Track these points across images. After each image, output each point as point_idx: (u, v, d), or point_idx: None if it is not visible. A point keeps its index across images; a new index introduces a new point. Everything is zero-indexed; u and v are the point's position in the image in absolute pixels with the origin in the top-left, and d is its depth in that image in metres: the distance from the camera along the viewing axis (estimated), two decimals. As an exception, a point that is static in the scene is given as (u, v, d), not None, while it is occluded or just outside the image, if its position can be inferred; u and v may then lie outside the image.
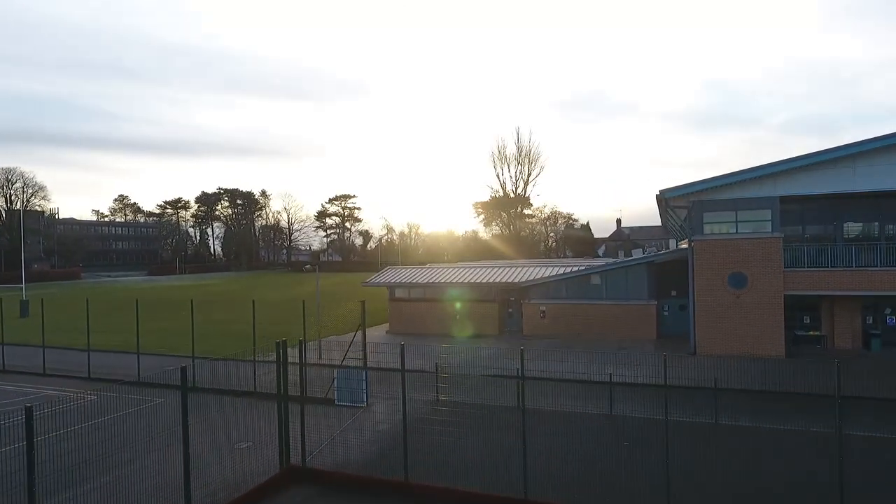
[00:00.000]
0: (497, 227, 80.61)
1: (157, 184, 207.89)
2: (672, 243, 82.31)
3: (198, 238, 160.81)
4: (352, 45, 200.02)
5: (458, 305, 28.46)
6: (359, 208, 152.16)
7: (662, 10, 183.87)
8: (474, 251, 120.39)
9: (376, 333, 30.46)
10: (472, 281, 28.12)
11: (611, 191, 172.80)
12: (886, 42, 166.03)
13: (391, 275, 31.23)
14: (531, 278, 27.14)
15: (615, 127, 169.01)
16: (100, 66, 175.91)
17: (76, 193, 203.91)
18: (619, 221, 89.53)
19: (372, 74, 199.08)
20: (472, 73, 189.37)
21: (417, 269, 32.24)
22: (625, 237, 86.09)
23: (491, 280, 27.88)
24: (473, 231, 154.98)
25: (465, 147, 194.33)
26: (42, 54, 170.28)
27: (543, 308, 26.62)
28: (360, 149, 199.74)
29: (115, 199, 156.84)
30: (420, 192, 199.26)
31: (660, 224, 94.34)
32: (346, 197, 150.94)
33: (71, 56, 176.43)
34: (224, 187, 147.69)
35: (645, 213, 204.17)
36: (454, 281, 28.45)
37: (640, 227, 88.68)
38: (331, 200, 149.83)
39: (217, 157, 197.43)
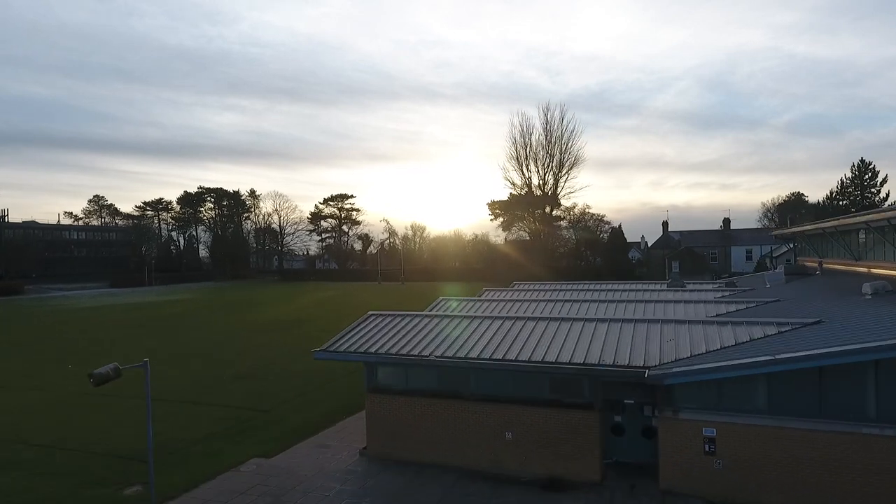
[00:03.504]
0: (523, 232, 65.74)
1: (161, 187, 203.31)
2: (761, 252, 67.07)
3: (183, 243, 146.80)
4: (353, 43, 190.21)
5: (507, 410, 13.54)
6: (357, 209, 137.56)
7: (664, 9, 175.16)
8: (488, 259, 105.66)
9: (343, 454, 15.41)
10: (540, 359, 13.15)
11: (613, 193, 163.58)
12: (890, 42, 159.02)
13: (371, 333, 16.22)
14: (682, 357, 12.19)
15: (618, 127, 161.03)
16: (99, 68, 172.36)
17: (80, 196, 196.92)
18: (665, 224, 74.28)
19: (375, 71, 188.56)
20: (478, 69, 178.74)
21: (422, 319, 17.12)
22: (674, 244, 70.87)
23: (580, 359, 12.90)
24: (483, 234, 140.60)
25: (476, 141, 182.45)
26: (43, 57, 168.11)
27: (712, 433, 11.62)
28: (362, 149, 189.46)
29: (90, 201, 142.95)
30: (425, 190, 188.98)
31: (717, 228, 79.37)
32: (343, 197, 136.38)
33: (70, 58, 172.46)
34: (206, 186, 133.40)
35: (657, 215, 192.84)
36: (499, 357, 13.49)
37: (692, 232, 73.43)
38: (326, 201, 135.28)
39: (218, 159, 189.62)
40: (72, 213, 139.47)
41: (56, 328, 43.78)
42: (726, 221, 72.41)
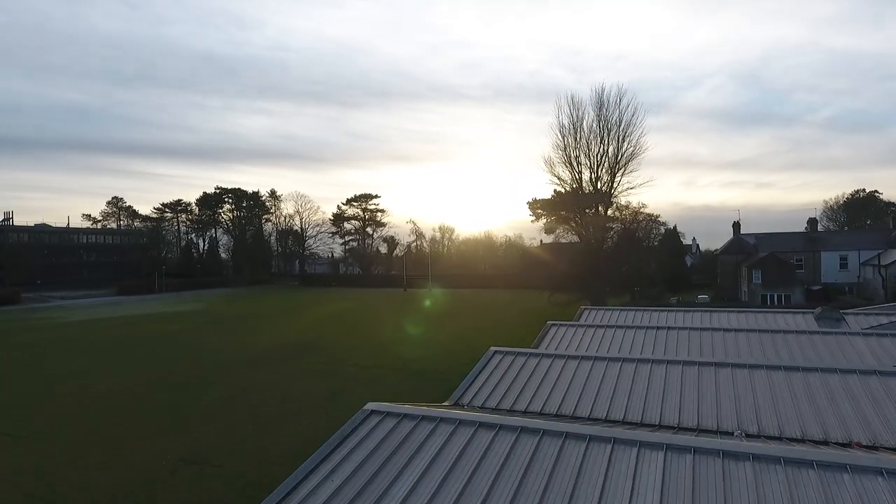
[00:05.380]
0: (572, 234, 56.23)
1: (192, 189, 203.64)
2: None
3: (203, 246, 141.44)
4: (378, 46, 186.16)
5: None
6: (382, 210, 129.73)
7: (694, 5, 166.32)
8: (523, 264, 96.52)
9: None
10: None
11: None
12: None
13: (370, 483, 7.22)
14: None
15: (648, 126, 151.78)
16: (133, 74, 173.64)
17: (101, 199, 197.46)
18: (737, 226, 63.48)
19: (400, 73, 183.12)
20: (504, 69, 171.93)
21: (482, 434, 7.99)
22: (749, 248, 60.23)
23: None
24: (517, 235, 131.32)
25: (504, 141, 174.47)
26: (79, 65, 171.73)
27: None
28: (388, 151, 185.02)
29: (109, 202, 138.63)
30: (452, 192, 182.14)
31: (801, 230, 68.26)
32: (367, 197, 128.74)
33: (105, 66, 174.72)
34: (224, 186, 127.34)
35: (708, 215, 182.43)
36: None
37: (770, 235, 62.51)
38: (349, 201, 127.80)
39: (248, 161, 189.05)
40: (90, 215, 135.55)
41: (7, 354, 36.18)
42: (812, 222, 61.18)
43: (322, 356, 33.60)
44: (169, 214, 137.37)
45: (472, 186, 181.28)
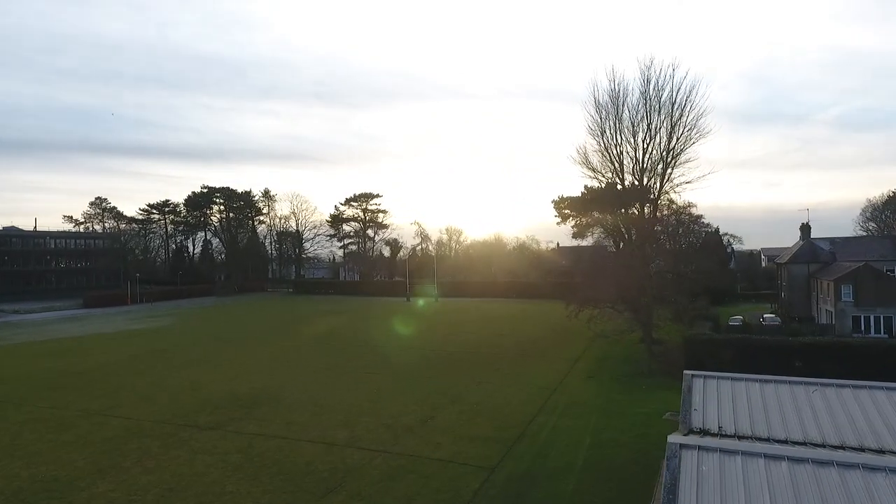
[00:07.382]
0: (608, 241, 45.65)
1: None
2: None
3: (193, 249, 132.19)
4: (384, 46, 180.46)
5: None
6: (384, 211, 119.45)
7: (700, 2, 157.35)
8: (539, 271, 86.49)
9: None
10: None
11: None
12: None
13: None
14: None
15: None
16: (140, 77, 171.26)
17: (120, 201, 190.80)
18: (806, 228, 52.48)
19: (406, 74, 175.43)
20: (509, 69, 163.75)
21: None
22: (824, 256, 49.45)
23: None
24: (530, 238, 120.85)
25: (515, 141, 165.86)
26: (87, 67, 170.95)
27: None
28: (393, 152, 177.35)
29: (92, 203, 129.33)
30: (460, 194, 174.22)
31: (882, 234, 56.40)
32: (367, 196, 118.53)
33: (112, 68, 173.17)
34: (211, 185, 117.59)
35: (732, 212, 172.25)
36: None
37: (848, 240, 51.54)
38: (347, 201, 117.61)
39: (256, 163, 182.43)
40: (71, 216, 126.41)
41: None
42: (903, 224, 50.56)
43: (277, 420, 23.37)
44: (156, 216, 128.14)
45: (479, 187, 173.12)
